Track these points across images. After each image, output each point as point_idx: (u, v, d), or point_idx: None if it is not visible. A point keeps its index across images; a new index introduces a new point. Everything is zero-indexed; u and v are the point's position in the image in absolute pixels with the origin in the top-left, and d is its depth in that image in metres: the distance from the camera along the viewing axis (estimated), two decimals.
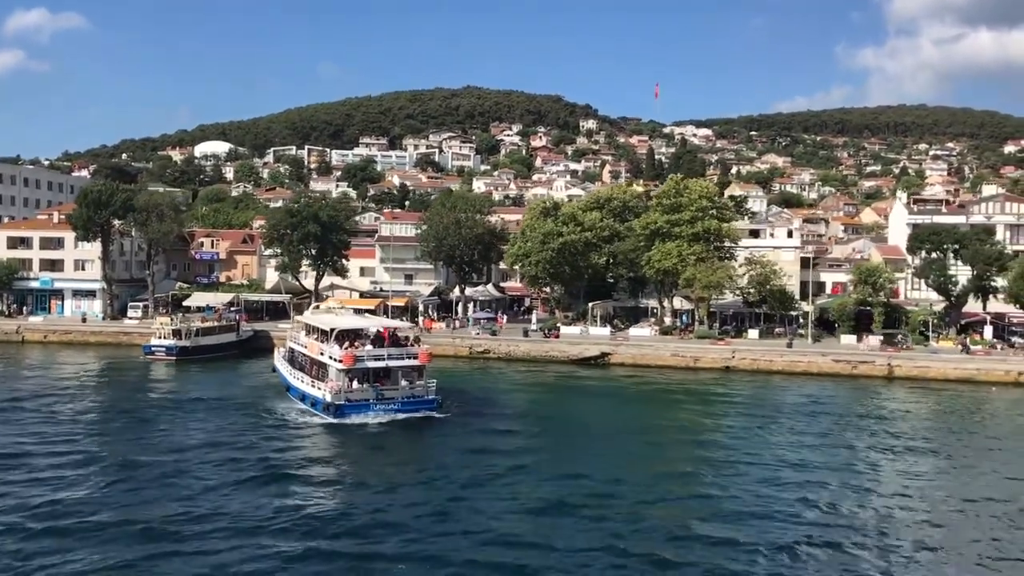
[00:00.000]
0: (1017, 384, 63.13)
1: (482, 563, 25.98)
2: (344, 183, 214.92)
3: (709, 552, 27.22)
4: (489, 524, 29.43)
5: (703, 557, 26.77)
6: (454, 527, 29.10)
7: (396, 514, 30.33)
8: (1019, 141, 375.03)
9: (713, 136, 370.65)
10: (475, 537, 28.19)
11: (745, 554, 27.11)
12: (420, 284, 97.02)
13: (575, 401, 56.91)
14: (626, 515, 30.51)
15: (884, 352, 69.31)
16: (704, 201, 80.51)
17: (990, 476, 37.95)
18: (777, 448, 42.57)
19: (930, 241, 78.00)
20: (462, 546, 27.33)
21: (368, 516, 30.06)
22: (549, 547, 27.16)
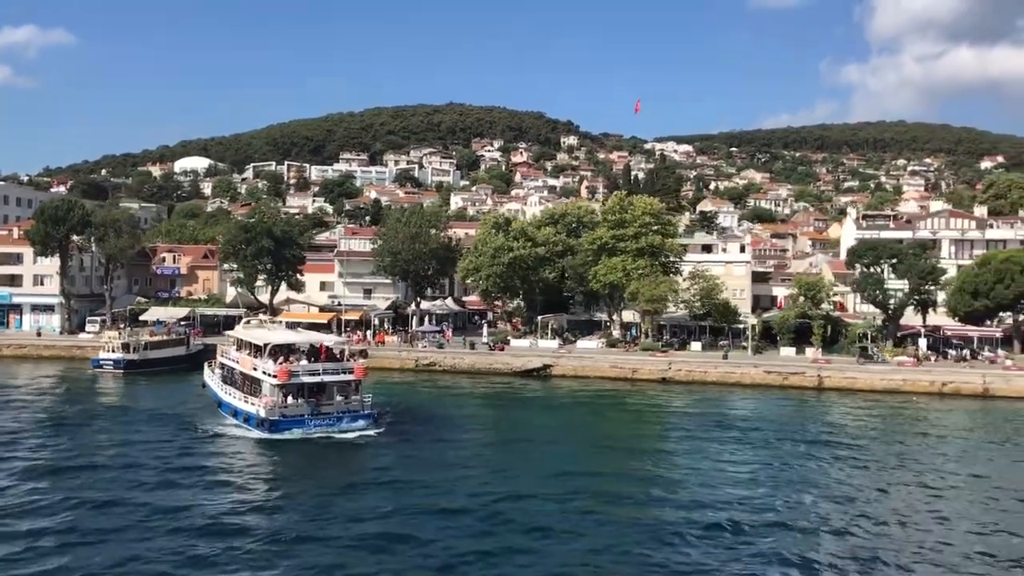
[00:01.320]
0: (941, 395, 65.00)
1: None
2: (321, 198, 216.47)
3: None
4: (417, 538, 29.78)
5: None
6: (382, 543, 29.26)
7: (327, 529, 30.62)
8: (995, 157, 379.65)
9: (694, 152, 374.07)
10: (401, 550, 28.61)
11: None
12: (378, 298, 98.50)
13: (511, 412, 58.23)
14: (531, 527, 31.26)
15: (815, 364, 71.08)
16: (647, 217, 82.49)
17: (908, 483, 39.41)
18: (688, 452, 44.49)
19: (867, 256, 79.94)
20: (385, 560, 27.74)
21: (297, 531, 30.29)
22: (475, 559, 27.85)
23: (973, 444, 48.43)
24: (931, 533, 31.58)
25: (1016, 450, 46.98)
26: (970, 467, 42.35)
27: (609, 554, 28.55)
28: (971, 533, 31.66)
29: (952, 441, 49.17)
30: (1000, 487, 38.35)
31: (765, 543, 29.89)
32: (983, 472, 41.30)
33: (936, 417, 56.85)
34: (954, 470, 41.71)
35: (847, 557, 28.75)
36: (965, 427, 53.76)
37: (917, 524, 32.72)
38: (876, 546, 29.97)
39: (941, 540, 30.73)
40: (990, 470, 41.87)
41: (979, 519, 33.57)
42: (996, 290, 78.52)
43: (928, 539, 30.87)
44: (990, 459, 44.53)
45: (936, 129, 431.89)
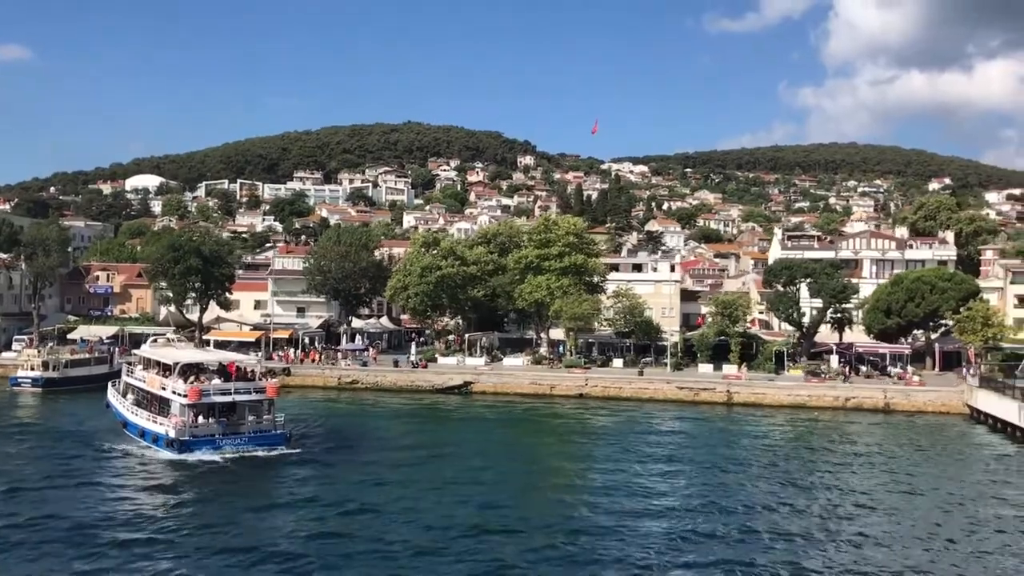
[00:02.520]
0: (845, 409, 67.19)
1: None
2: (271, 217, 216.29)
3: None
4: (319, 558, 29.97)
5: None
6: (288, 565, 29.36)
7: (231, 550, 30.46)
8: (943, 179, 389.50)
9: (649, 173, 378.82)
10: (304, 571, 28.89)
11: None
12: (311, 317, 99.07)
13: (426, 429, 59.21)
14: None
15: (725, 380, 73.11)
16: (571, 237, 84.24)
17: (811, 492, 40.97)
18: (594, 462, 46.69)
19: (782, 275, 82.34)
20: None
21: (200, 553, 30.22)
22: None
23: (875, 455, 50.31)
24: (844, 541, 32.85)
25: (916, 459, 48.88)
26: (875, 476, 44.16)
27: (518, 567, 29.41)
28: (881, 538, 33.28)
29: (855, 452, 51.03)
30: (908, 492, 40.36)
31: (668, 553, 31.12)
32: (882, 479, 43.11)
33: (838, 430, 58.82)
34: (860, 480, 43.37)
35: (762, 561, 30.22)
36: (867, 439, 55.65)
37: (826, 532, 34.11)
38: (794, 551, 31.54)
39: (854, 546, 32.12)
40: (889, 478, 43.71)
41: (886, 525, 35.19)
42: (908, 308, 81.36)
43: (844, 545, 32.25)
44: (891, 468, 46.39)
45: (887, 151, 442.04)
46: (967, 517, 36.59)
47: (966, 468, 47.26)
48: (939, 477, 44.23)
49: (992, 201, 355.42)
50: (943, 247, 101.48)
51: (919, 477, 44.29)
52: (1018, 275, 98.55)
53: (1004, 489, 42.02)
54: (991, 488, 42.13)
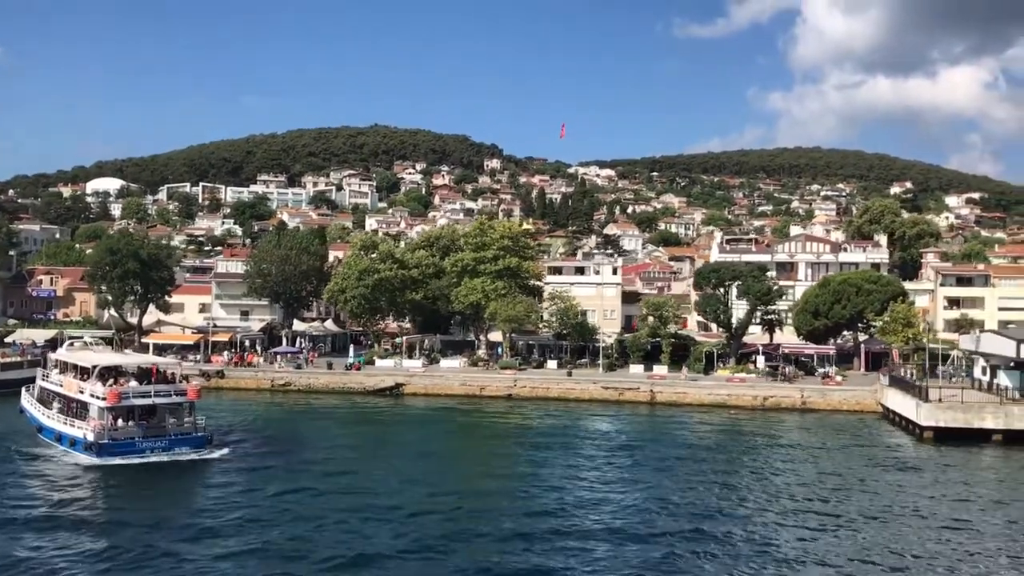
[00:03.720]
0: (763, 408, 69.00)
1: None
2: (231, 220, 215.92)
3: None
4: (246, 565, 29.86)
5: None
6: (208, 567, 29.40)
7: (151, 555, 30.30)
8: (904, 183, 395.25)
9: (616, 176, 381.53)
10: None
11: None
12: (255, 320, 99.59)
13: (352, 430, 59.98)
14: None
15: (649, 380, 74.81)
16: (506, 241, 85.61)
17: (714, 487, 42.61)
18: (507, 462, 47.94)
19: (711, 278, 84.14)
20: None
21: (123, 557, 30.03)
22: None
23: (775, 449, 52.03)
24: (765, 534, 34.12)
25: (816, 453, 50.61)
26: (794, 468, 45.78)
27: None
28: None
29: (756, 448, 52.79)
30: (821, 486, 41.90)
31: (585, 545, 32.18)
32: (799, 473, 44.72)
33: (755, 427, 60.63)
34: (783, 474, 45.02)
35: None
36: (774, 435, 57.36)
37: (750, 523, 35.43)
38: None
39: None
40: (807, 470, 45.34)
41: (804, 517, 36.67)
42: (834, 310, 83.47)
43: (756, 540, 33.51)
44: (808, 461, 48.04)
45: (850, 155, 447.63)
46: (840, 503, 38.18)
47: (854, 459, 49.11)
48: (825, 470, 45.88)
49: (952, 205, 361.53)
50: (876, 250, 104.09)
51: (809, 468, 45.98)
52: (947, 278, 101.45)
53: (884, 476, 43.90)
54: (871, 475, 43.83)
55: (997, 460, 50.59)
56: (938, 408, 54.25)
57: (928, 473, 46.39)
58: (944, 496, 40.86)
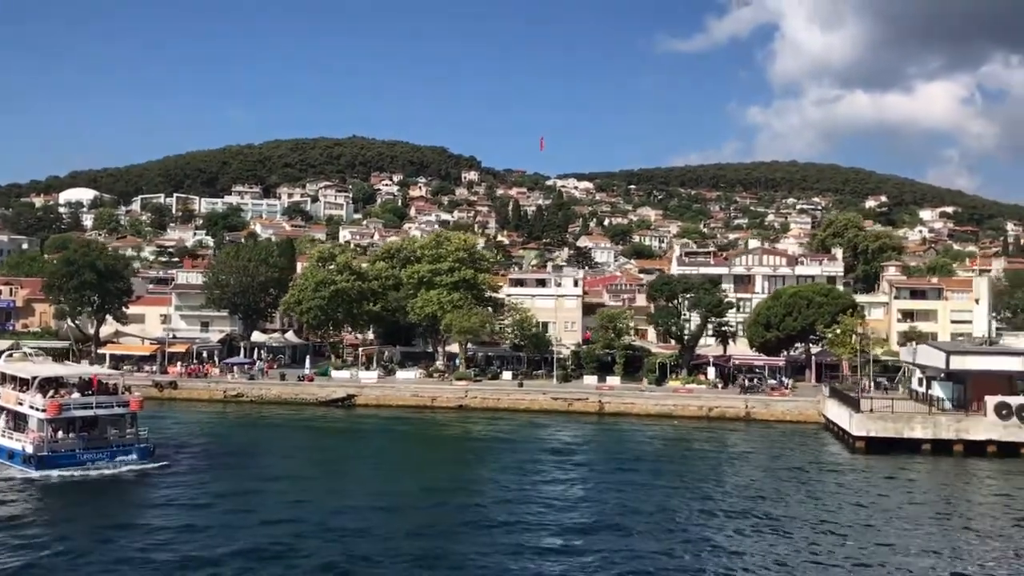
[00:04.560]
0: (708, 418, 70.00)
1: None
2: (203, 231, 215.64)
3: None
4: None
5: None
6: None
7: (88, 569, 30.30)
8: (879, 196, 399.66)
9: (594, 189, 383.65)
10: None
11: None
12: (214, 331, 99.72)
13: (299, 441, 60.53)
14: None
15: (597, 391, 75.73)
16: (462, 253, 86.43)
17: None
18: (438, 468, 48.09)
19: (664, 291, 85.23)
20: None
21: (60, 571, 30.08)
22: None
23: (712, 457, 52.96)
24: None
25: (747, 461, 51.56)
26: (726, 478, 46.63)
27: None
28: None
29: (689, 457, 53.69)
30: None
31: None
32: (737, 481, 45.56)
33: (696, 437, 61.69)
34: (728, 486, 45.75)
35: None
36: (716, 445, 58.32)
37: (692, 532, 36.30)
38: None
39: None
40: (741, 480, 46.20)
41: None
42: (786, 322, 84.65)
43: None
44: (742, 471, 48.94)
45: (826, 169, 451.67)
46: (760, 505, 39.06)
47: (782, 468, 50.07)
48: (753, 478, 46.82)
49: (926, 218, 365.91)
50: (832, 263, 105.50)
51: (736, 476, 46.89)
52: (901, 291, 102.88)
53: (806, 484, 44.90)
54: (797, 482, 44.77)
55: (919, 468, 51.58)
56: (869, 418, 55.35)
57: (849, 481, 47.40)
58: (852, 503, 41.79)
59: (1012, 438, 53.76)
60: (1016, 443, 53.82)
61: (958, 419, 55.22)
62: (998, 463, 52.74)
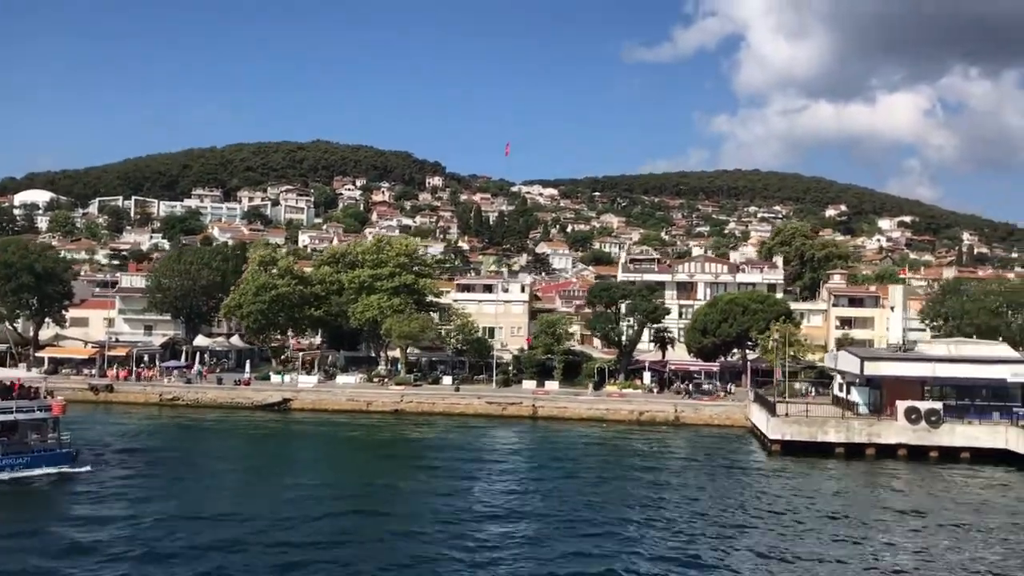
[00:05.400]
0: (639, 422, 71.19)
1: None
2: (159, 235, 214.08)
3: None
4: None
5: None
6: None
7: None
8: (839, 205, 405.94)
9: (558, 196, 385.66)
10: None
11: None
12: (158, 335, 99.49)
13: (225, 443, 60.71)
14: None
15: (532, 395, 76.78)
16: (403, 258, 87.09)
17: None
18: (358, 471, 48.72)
19: (602, 297, 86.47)
20: None
21: None
22: None
23: (626, 459, 53.97)
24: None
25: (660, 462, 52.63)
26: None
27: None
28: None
29: (608, 461, 54.70)
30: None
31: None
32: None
33: (622, 441, 62.68)
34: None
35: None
36: (640, 448, 59.42)
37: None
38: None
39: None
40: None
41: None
42: (722, 328, 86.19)
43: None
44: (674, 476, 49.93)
45: (788, 178, 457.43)
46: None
47: (696, 469, 51.22)
48: (668, 480, 47.82)
49: (884, 228, 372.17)
50: (772, 271, 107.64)
51: (652, 477, 47.90)
52: (840, 299, 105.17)
53: (714, 484, 46.05)
54: (708, 483, 45.88)
55: (828, 470, 52.88)
56: (784, 422, 56.77)
57: (752, 481, 48.59)
58: (753, 502, 42.96)
59: (921, 442, 55.39)
60: (925, 446, 55.46)
61: (870, 423, 56.81)
62: (907, 466, 54.39)
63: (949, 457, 55.38)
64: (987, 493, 47.14)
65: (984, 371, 58.71)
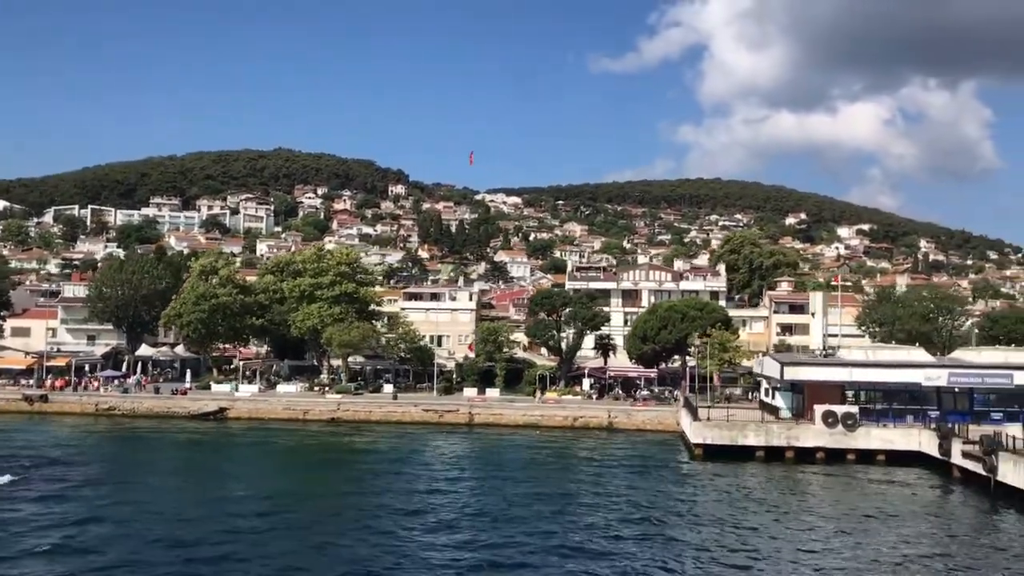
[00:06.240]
0: (573, 428, 72.07)
1: None
2: (114, 244, 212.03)
3: None
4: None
5: None
6: None
7: None
8: (799, 214, 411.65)
9: (522, 204, 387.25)
10: None
11: None
12: (100, 345, 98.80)
13: (157, 453, 60.45)
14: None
15: (469, 402, 77.45)
16: (343, 267, 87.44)
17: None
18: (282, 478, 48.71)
19: (544, 305, 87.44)
20: None
21: None
22: None
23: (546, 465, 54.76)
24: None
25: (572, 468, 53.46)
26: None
27: None
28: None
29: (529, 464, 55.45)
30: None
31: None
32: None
33: (554, 445, 63.45)
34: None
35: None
36: (571, 452, 60.19)
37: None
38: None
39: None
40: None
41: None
42: (661, 335, 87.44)
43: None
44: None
45: (749, 187, 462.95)
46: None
47: (617, 473, 52.04)
48: (589, 482, 48.64)
49: (843, 236, 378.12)
50: (715, 279, 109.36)
51: (575, 480, 48.70)
52: (780, 305, 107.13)
53: (630, 486, 46.90)
54: (627, 487, 46.75)
55: (745, 473, 53.89)
56: (705, 426, 57.94)
57: (669, 484, 49.53)
58: (663, 502, 44.02)
59: (838, 445, 56.72)
60: (842, 449, 56.79)
61: (789, 427, 58.12)
62: (824, 468, 55.68)
63: (866, 459, 56.70)
64: (891, 491, 48.59)
65: (900, 375, 60.34)
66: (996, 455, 45.38)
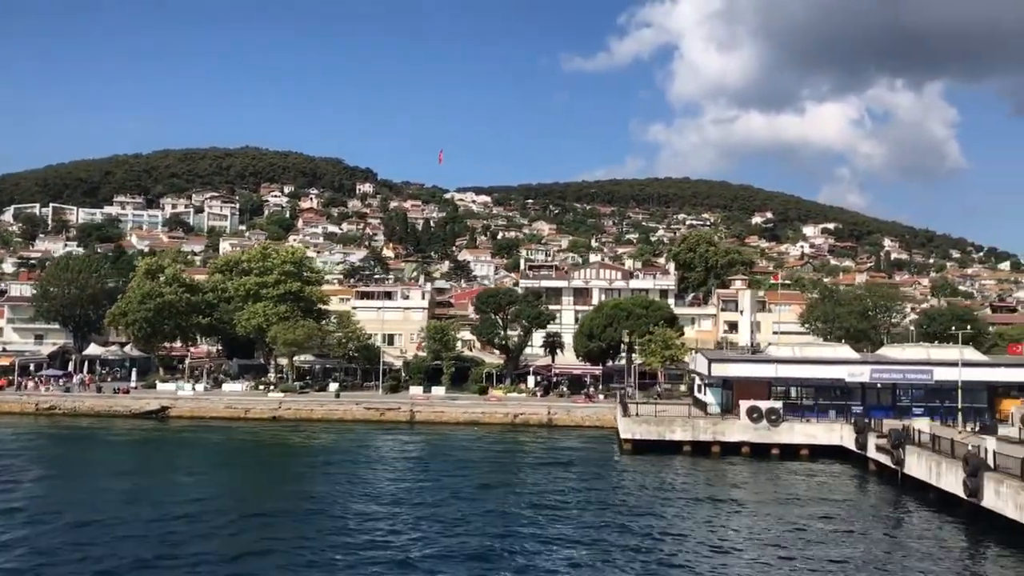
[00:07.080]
0: (513, 425, 72.84)
1: None
2: (74, 243, 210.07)
3: None
4: None
5: None
6: None
7: None
8: (765, 212, 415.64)
9: (491, 203, 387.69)
10: None
11: None
12: (48, 344, 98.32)
13: (92, 453, 60.23)
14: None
15: (410, 400, 78.12)
16: (288, 266, 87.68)
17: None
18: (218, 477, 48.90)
19: (490, 303, 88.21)
20: None
21: None
22: None
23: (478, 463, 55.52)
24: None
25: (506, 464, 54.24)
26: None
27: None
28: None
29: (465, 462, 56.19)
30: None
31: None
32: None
33: (489, 443, 64.05)
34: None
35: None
36: (505, 449, 60.96)
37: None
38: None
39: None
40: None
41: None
42: (607, 332, 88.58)
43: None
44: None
45: (716, 186, 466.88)
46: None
47: (548, 468, 52.93)
48: (519, 479, 49.47)
49: (808, 234, 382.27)
50: (664, 277, 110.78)
51: (500, 475, 49.46)
52: (728, 303, 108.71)
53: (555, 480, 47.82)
54: (555, 482, 47.66)
55: (669, 467, 55.09)
56: (634, 422, 59.02)
57: (595, 478, 50.54)
58: (581, 493, 44.99)
59: (762, 439, 58.02)
60: (766, 444, 58.10)
61: (714, 422, 59.34)
62: (748, 462, 56.97)
63: (789, 454, 58.05)
64: (807, 483, 50.03)
65: (824, 371, 61.86)
66: (903, 448, 46.84)
